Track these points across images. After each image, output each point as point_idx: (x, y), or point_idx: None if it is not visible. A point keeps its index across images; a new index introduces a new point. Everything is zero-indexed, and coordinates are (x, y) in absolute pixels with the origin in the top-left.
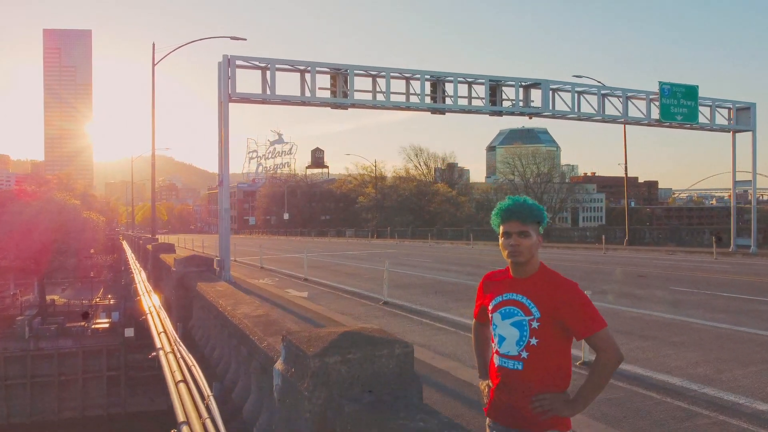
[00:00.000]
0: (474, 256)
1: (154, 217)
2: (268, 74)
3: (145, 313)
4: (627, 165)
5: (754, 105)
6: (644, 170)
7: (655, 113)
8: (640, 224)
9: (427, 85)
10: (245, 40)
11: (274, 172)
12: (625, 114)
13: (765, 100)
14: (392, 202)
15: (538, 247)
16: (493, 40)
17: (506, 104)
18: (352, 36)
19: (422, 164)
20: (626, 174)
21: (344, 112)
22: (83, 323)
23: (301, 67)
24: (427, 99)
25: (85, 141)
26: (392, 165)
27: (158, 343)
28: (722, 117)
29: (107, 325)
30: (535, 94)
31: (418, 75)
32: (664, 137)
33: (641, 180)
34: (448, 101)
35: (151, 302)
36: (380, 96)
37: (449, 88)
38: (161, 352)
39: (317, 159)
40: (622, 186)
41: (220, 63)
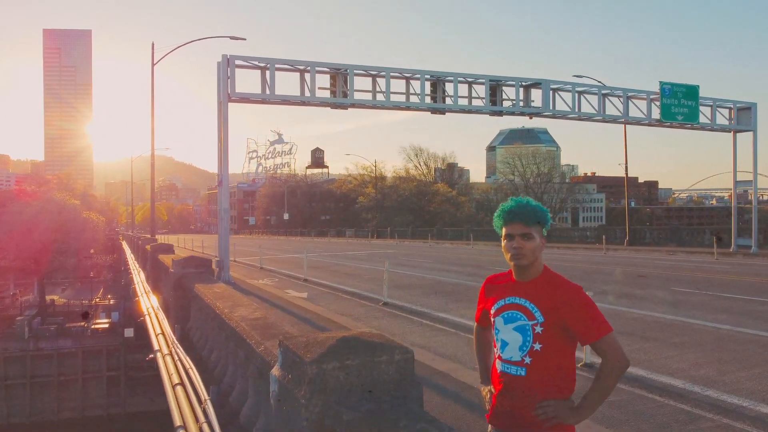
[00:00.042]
0: (474, 256)
1: (153, 217)
2: (268, 74)
3: (144, 315)
4: (627, 165)
5: (755, 105)
6: (644, 170)
7: (656, 113)
8: (640, 224)
9: (427, 84)
10: (245, 39)
11: (274, 172)
12: (626, 114)
13: (766, 100)
14: (392, 202)
15: (542, 249)
16: (493, 40)
17: (506, 104)
18: (352, 36)
19: (422, 164)
20: (626, 174)
21: (344, 112)
22: (83, 323)
23: (300, 67)
24: (427, 99)
25: (85, 141)
26: (392, 165)
27: (156, 345)
28: (723, 117)
29: (107, 326)
30: (536, 94)
31: (418, 75)
32: (664, 137)
33: (641, 180)
34: (448, 101)
35: (149, 303)
36: (380, 96)
37: (449, 87)
38: (159, 354)
39: (317, 159)
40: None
41: (219, 63)
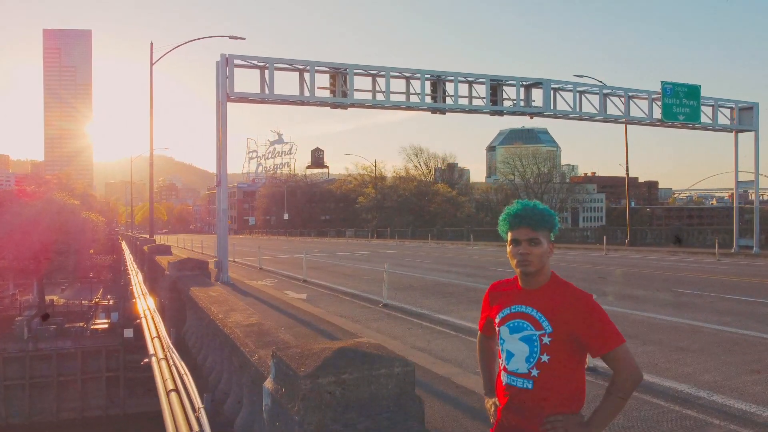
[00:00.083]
0: (475, 257)
1: (152, 217)
2: (267, 73)
3: (140, 317)
4: (628, 165)
5: (756, 105)
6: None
7: (657, 113)
8: (640, 224)
9: (428, 84)
10: (244, 39)
11: (274, 172)
12: (627, 114)
13: None
14: (392, 203)
15: (550, 255)
16: (493, 39)
17: (507, 104)
18: (352, 35)
19: (422, 164)
20: (627, 174)
21: (344, 112)
22: (82, 323)
23: (300, 67)
24: (427, 98)
25: (85, 141)
26: (392, 165)
27: (151, 349)
28: (725, 117)
29: (106, 326)
30: (537, 93)
31: (418, 74)
32: (665, 137)
33: (641, 180)
34: (448, 101)
35: (146, 305)
36: (380, 95)
37: (450, 87)
38: (154, 359)
39: (317, 159)
40: (622, 186)
41: (218, 62)
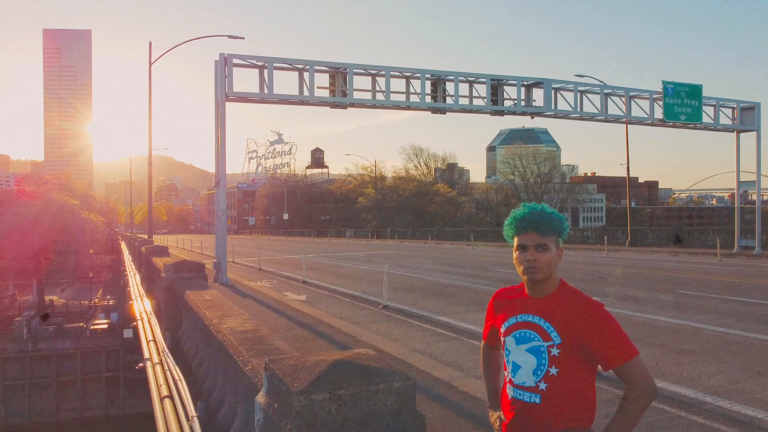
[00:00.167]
0: (475, 257)
1: (151, 218)
2: (266, 73)
3: (137, 319)
4: (629, 165)
5: (758, 104)
6: (644, 170)
7: (659, 113)
8: (640, 225)
9: (428, 84)
10: (243, 39)
11: (274, 172)
12: (628, 114)
13: None
14: (392, 203)
15: (558, 262)
16: (494, 39)
17: (508, 104)
18: (352, 35)
19: (422, 164)
20: (628, 174)
21: (344, 112)
22: (82, 323)
23: (299, 66)
24: (427, 98)
25: (85, 141)
26: (392, 165)
27: (146, 353)
28: (726, 117)
29: (106, 326)
30: (537, 93)
31: (418, 74)
32: (665, 137)
33: (641, 180)
34: (448, 101)
35: (143, 307)
36: (380, 95)
37: (450, 87)
38: (148, 363)
39: (317, 159)
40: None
41: (216, 62)
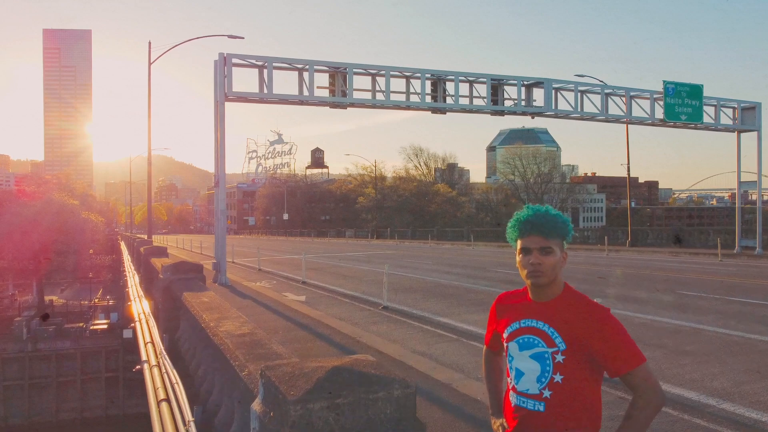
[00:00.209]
0: (475, 257)
1: (150, 218)
2: (266, 73)
3: (135, 321)
4: (629, 165)
5: (759, 104)
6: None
7: (659, 113)
8: (640, 225)
9: (428, 84)
10: (243, 38)
11: (274, 172)
12: (629, 114)
13: None
14: (392, 203)
15: (563, 265)
16: (494, 39)
17: (508, 104)
18: (352, 35)
19: (422, 164)
20: (629, 174)
21: (344, 112)
22: (81, 324)
23: (299, 66)
24: (427, 98)
25: (85, 141)
26: (392, 165)
27: (144, 356)
28: (727, 117)
29: (105, 326)
30: (538, 93)
31: (418, 74)
32: (665, 137)
33: (642, 180)
34: (449, 100)
35: (141, 308)
36: (380, 95)
37: (450, 87)
38: (146, 366)
39: (317, 159)
40: (621, 186)
41: (215, 61)
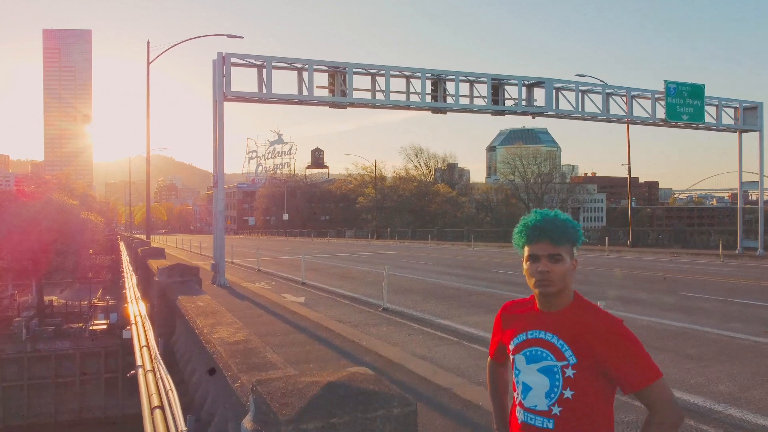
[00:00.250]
0: (475, 258)
1: (149, 218)
2: (265, 72)
3: (131, 323)
4: (630, 165)
5: (761, 104)
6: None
7: (661, 113)
8: (640, 225)
9: (428, 83)
10: (242, 38)
11: (274, 172)
12: (630, 114)
13: None
14: (392, 203)
15: (573, 273)
16: (495, 38)
17: (509, 103)
18: (352, 35)
19: (422, 164)
20: (629, 175)
21: (343, 112)
22: (81, 324)
23: (298, 65)
24: (427, 98)
25: (85, 141)
26: (392, 165)
27: (139, 360)
28: (729, 117)
29: (105, 327)
30: (538, 93)
31: (418, 73)
32: (665, 136)
33: (642, 180)
34: (449, 100)
35: (137, 310)
36: (380, 95)
37: (450, 87)
38: (140, 371)
39: (317, 159)
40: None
41: (214, 61)
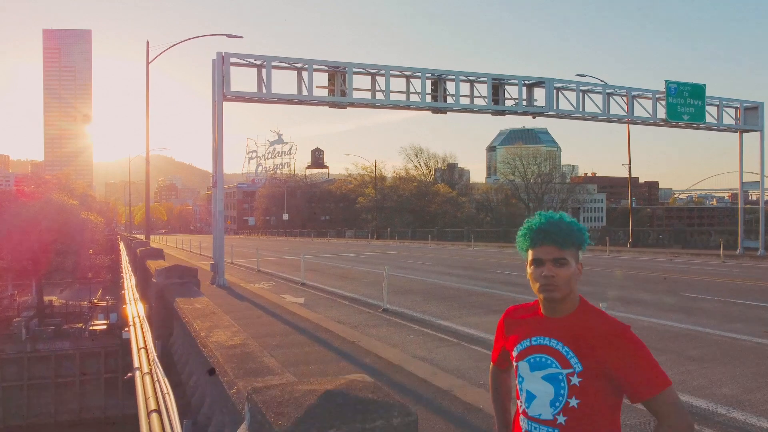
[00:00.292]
0: (476, 258)
1: (148, 218)
2: (264, 72)
3: (129, 325)
4: (631, 165)
5: (762, 104)
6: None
7: (661, 113)
8: (640, 225)
9: (428, 83)
10: (242, 38)
11: (274, 172)
12: (631, 113)
13: None
14: (392, 203)
15: (579, 278)
16: (495, 38)
17: (509, 103)
18: (352, 35)
19: (422, 164)
20: (630, 175)
21: (343, 112)
22: (81, 324)
23: (298, 65)
24: (427, 98)
25: (85, 141)
26: (392, 165)
27: (136, 362)
28: (729, 116)
29: (105, 327)
30: (539, 93)
31: (418, 73)
32: (665, 137)
33: (642, 180)
34: (449, 100)
35: (136, 312)
36: (380, 95)
37: (450, 86)
38: (138, 374)
39: (317, 159)
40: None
41: (214, 61)
